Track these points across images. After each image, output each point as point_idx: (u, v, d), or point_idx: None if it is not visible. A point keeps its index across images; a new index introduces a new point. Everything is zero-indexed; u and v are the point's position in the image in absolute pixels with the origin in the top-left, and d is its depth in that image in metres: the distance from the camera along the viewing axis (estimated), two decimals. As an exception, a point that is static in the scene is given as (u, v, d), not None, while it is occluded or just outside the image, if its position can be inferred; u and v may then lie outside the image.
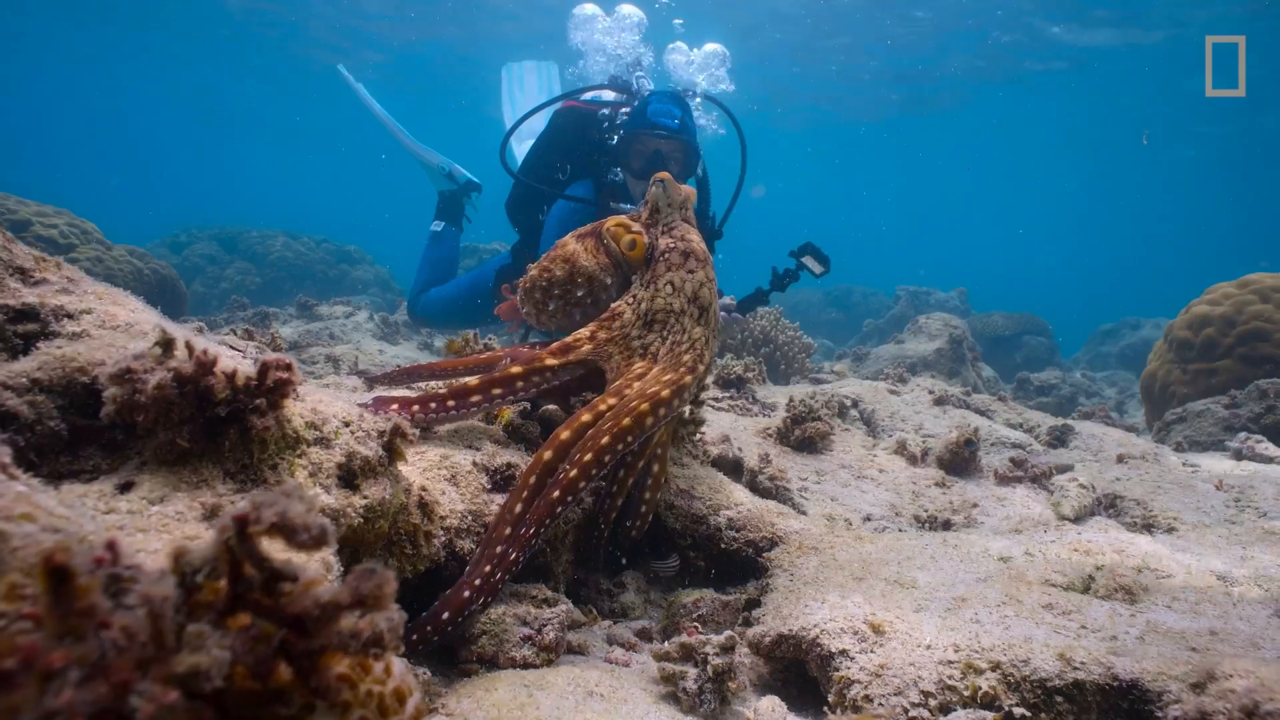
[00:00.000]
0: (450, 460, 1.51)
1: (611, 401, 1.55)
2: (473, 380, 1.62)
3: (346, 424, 1.07)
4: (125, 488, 0.77)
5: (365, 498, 1.03)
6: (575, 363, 1.68)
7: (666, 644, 1.42)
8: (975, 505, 2.40)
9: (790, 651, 1.41)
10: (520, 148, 6.04)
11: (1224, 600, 1.34)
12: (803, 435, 2.69)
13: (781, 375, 5.82)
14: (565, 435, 1.48)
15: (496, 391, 1.59)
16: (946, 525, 2.29)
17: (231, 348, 1.25)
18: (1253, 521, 2.15)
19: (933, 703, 1.20)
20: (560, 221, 4.65)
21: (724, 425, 2.81)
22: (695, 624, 1.61)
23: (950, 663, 1.23)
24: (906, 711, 1.20)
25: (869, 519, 2.28)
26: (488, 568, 1.33)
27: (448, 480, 1.47)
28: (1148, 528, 2.15)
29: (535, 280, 1.87)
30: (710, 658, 1.29)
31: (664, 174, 1.88)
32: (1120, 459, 3.02)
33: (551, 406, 1.82)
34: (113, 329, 0.95)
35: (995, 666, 1.18)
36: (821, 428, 2.70)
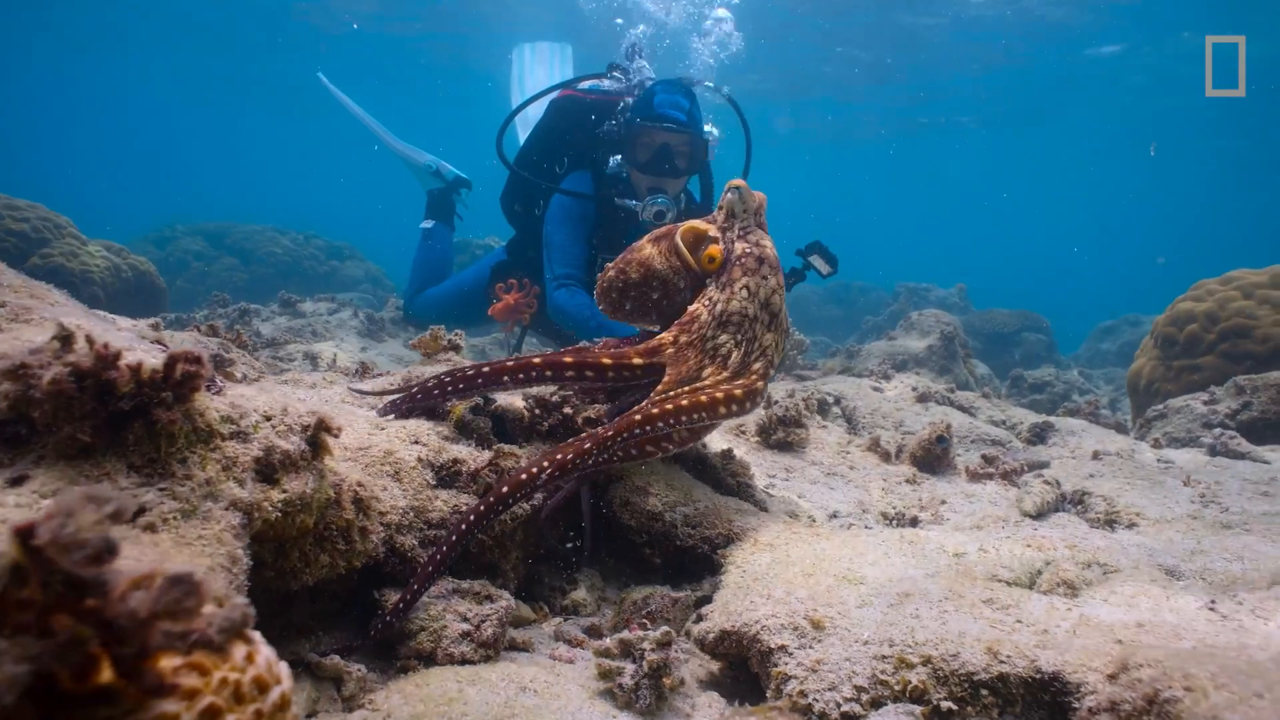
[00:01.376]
0: (395, 456, 1.52)
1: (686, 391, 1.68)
2: (568, 356, 1.70)
3: (268, 418, 1.08)
4: (17, 481, 0.78)
5: (284, 492, 1.04)
6: (659, 364, 1.78)
7: (607, 640, 1.44)
8: (944, 502, 2.41)
9: (733, 648, 1.43)
10: (524, 137, 6.02)
11: (1160, 593, 1.36)
12: (783, 436, 2.70)
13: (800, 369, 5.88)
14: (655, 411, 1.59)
15: (589, 374, 1.72)
16: (914, 522, 2.30)
17: (160, 344, 1.26)
18: (1214, 516, 2.17)
19: (865, 697, 1.21)
20: (558, 216, 4.59)
21: (694, 422, 2.82)
22: (644, 620, 1.63)
23: (884, 657, 1.24)
24: (839, 706, 1.22)
25: (835, 515, 2.30)
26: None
27: (390, 476, 1.48)
28: (1110, 523, 2.16)
29: (612, 282, 1.97)
30: (647, 653, 1.31)
31: (739, 181, 1.94)
32: (1095, 455, 3.03)
33: (511, 403, 1.83)
34: (25, 323, 0.96)
35: (926, 661, 1.20)
36: (800, 433, 2.71)
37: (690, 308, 1.85)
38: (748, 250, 1.85)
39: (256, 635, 0.63)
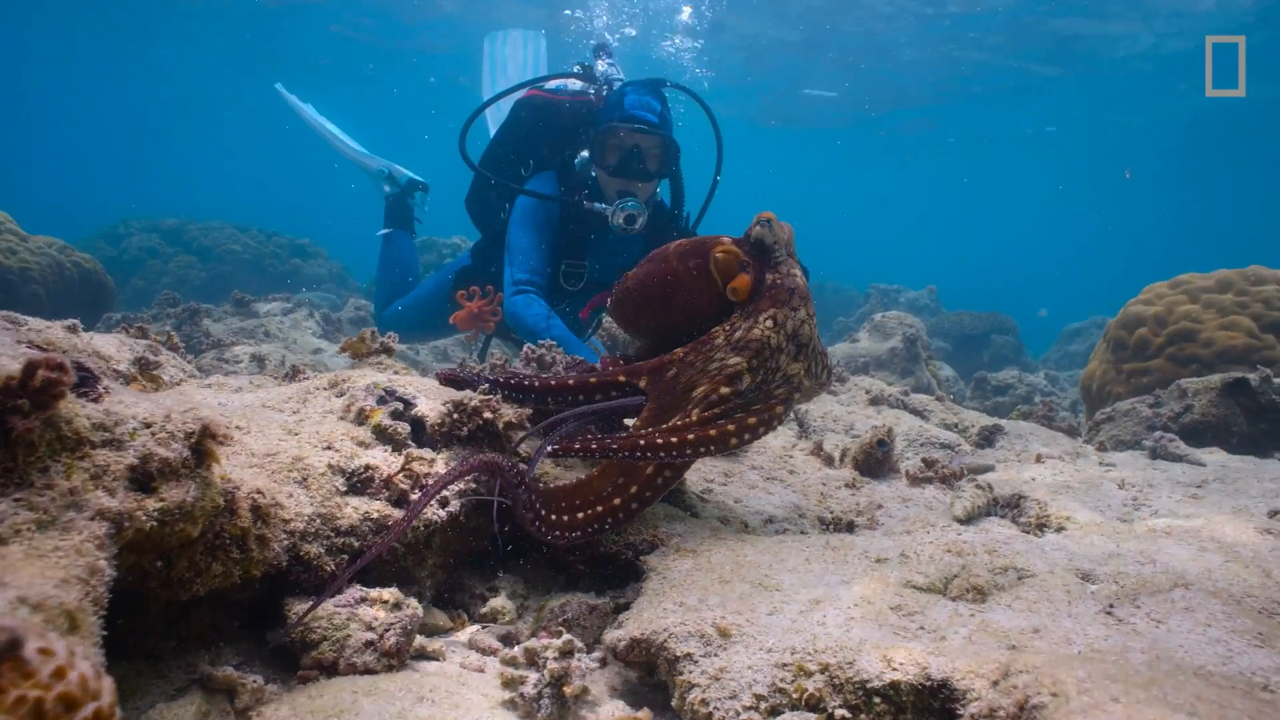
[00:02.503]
0: (304, 463, 1.51)
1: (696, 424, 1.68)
2: (593, 377, 1.76)
3: (148, 425, 1.07)
4: None
5: (162, 500, 1.03)
6: (650, 386, 1.81)
7: (515, 648, 1.44)
8: (880, 506, 2.44)
9: (643, 655, 1.43)
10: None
11: (1063, 598, 1.39)
12: (715, 436, 2.71)
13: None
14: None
15: (598, 396, 1.80)
16: (849, 527, 2.33)
17: (35, 346, 1.24)
18: (1142, 520, 2.22)
19: (764, 705, 1.23)
20: (520, 219, 4.54)
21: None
22: (560, 628, 1.63)
23: (785, 665, 1.25)
24: (739, 715, 1.23)
25: (770, 521, 2.32)
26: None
27: (298, 483, 1.47)
28: (1040, 527, 2.21)
29: (629, 293, 1.94)
30: (549, 662, 1.31)
31: (768, 214, 1.95)
32: (1039, 459, 3.09)
33: (432, 408, 1.82)
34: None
35: (824, 669, 1.22)
36: (734, 428, 2.73)
37: (711, 330, 1.85)
38: (777, 281, 1.86)
39: (70, 649, 0.62)
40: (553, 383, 1.86)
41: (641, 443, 1.57)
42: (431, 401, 1.84)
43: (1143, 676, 0.94)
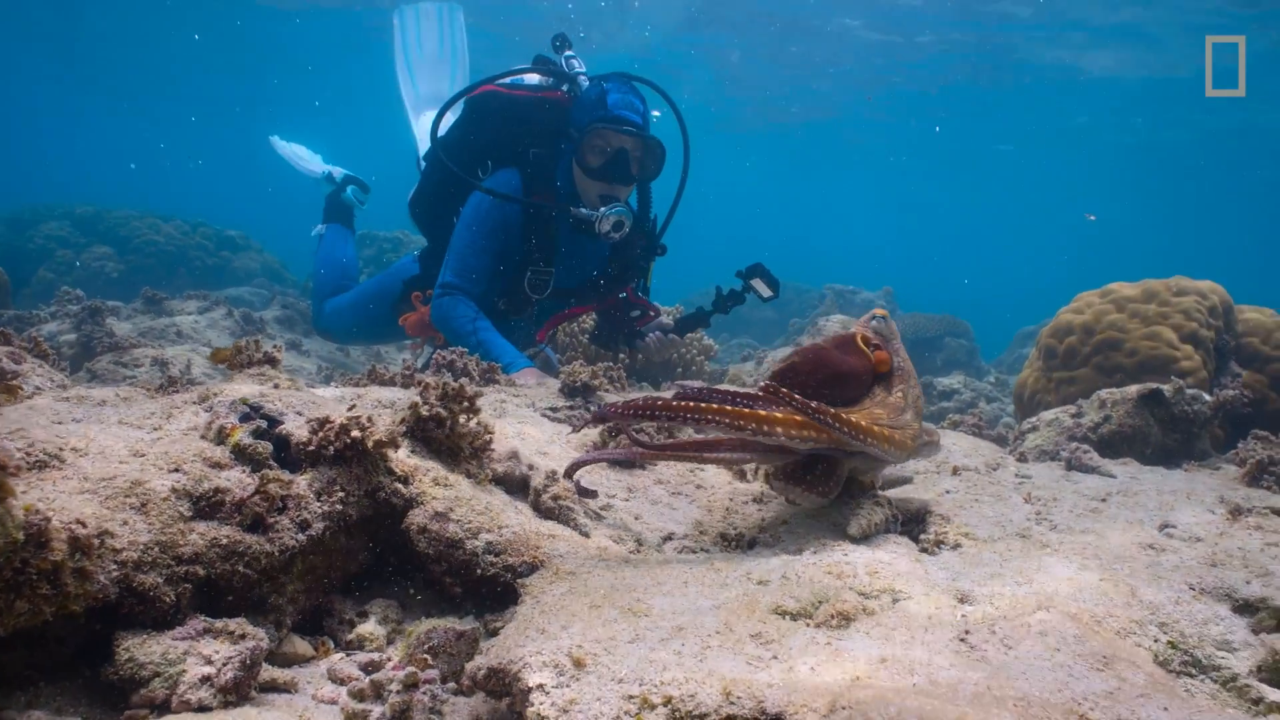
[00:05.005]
0: (144, 487, 1.47)
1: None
2: (798, 416, 1.86)
3: (-69, 457, 1.03)
4: None
5: (-59, 539, 1.00)
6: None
7: (365, 680, 1.43)
8: (785, 523, 2.47)
9: (499, 685, 1.43)
10: (421, 130, 5.84)
11: (922, 625, 1.42)
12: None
13: (679, 378, 5.89)
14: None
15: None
16: (751, 544, 2.35)
17: None
18: (1041, 535, 2.29)
19: (608, 739, 1.23)
20: (471, 219, 4.40)
21: (544, 437, 2.83)
22: (426, 655, 1.62)
23: (632, 697, 1.26)
24: (583, 748, 1.24)
25: (669, 539, 2.33)
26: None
27: (135, 509, 1.44)
28: (938, 544, 2.26)
29: (786, 371, 2.18)
30: (392, 695, 1.30)
31: (882, 310, 2.54)
32: (955, 471, 3.16)
33: (293, 426, 1.79)
34: None
35: (667, 701, 1.23)
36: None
37: (863, 400, 2.29)
38: (901, 365, 2.39)
39: None
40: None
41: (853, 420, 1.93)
42: (300, 419, 1.82)
43: (954, 714, 0.97)
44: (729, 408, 1.78)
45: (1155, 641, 1.52)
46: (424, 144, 5.57)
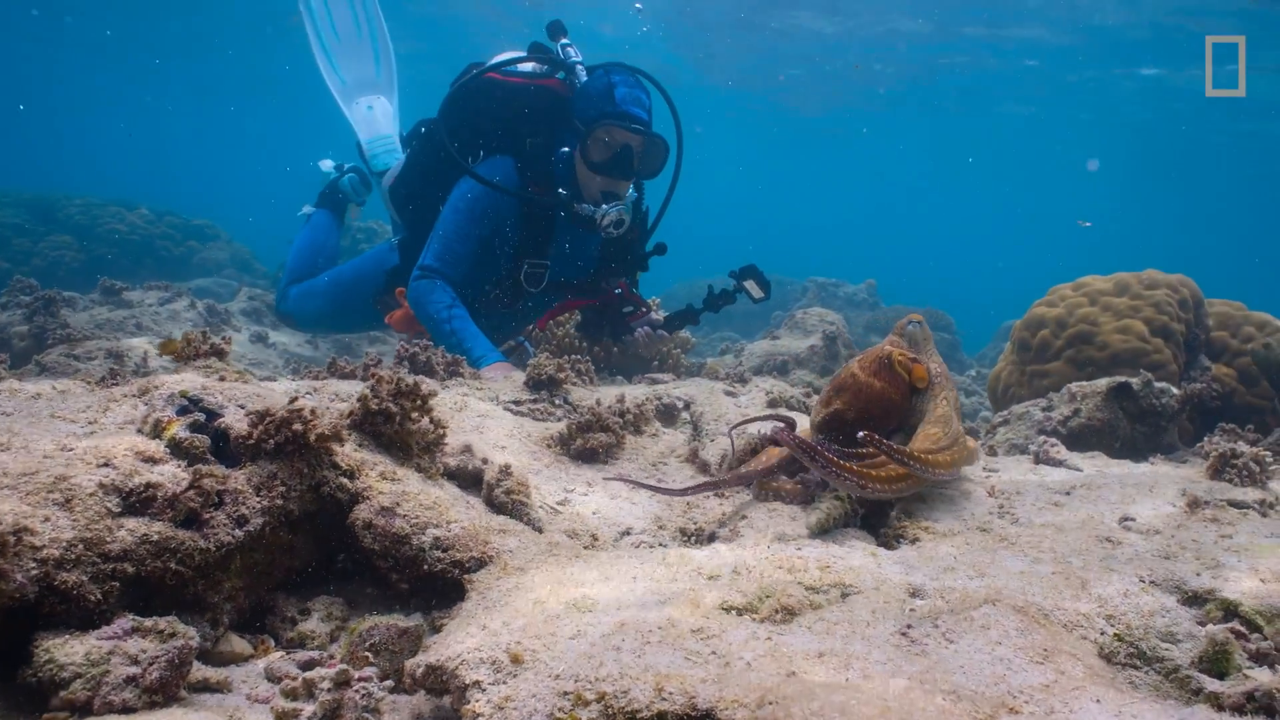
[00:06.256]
0: (69, 483, 1.45)
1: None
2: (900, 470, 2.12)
3: None
4: None
5: None
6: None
7: (298, 678, 1.42)
8: (744, 517, 2.48)
9: (438, 683, 1.43)
10: (358, 119, 5.78)
11: (865, 619, 1.43)
12: (584, 445, 2.72)
13: (655, 371, 5.90)
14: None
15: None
16: (711, 538, 2.36)
17: None
18: (1002, 529, 2.30)
19: (541, 736, 1.23)
20: (460, 206, 4.37)
21: (504, 431, 2.82)
22: (367, 653, 1.61)
23: (566, 694, 1.26)
24: (516, 746, 1.23)
25: (628, 533, 2.33)
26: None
27: (59, 505, 1.41)
28: (898, 538, 2.27)
29: (835, 417, 2.38)
30: (322, 693, 1.30)
31: (918, 316, 2.64)
32: (922, 465, 3.18)
33: (233, 420, 1.77)
34: None
35: (601, 698, 1.23)
36: (605, 439, 2.74)
37: (937, 412, 2.42)
38: (938, 370, 2.49)
39: None
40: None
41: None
42: (241, 411, 1.80)
43: (877, 707, 0.98)
44: (862, 469, 2.08)
45: (1102, 634, 1.53)
46: (364, 132, 5.52)
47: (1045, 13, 15.99)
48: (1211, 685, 1.36)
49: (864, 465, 2.08)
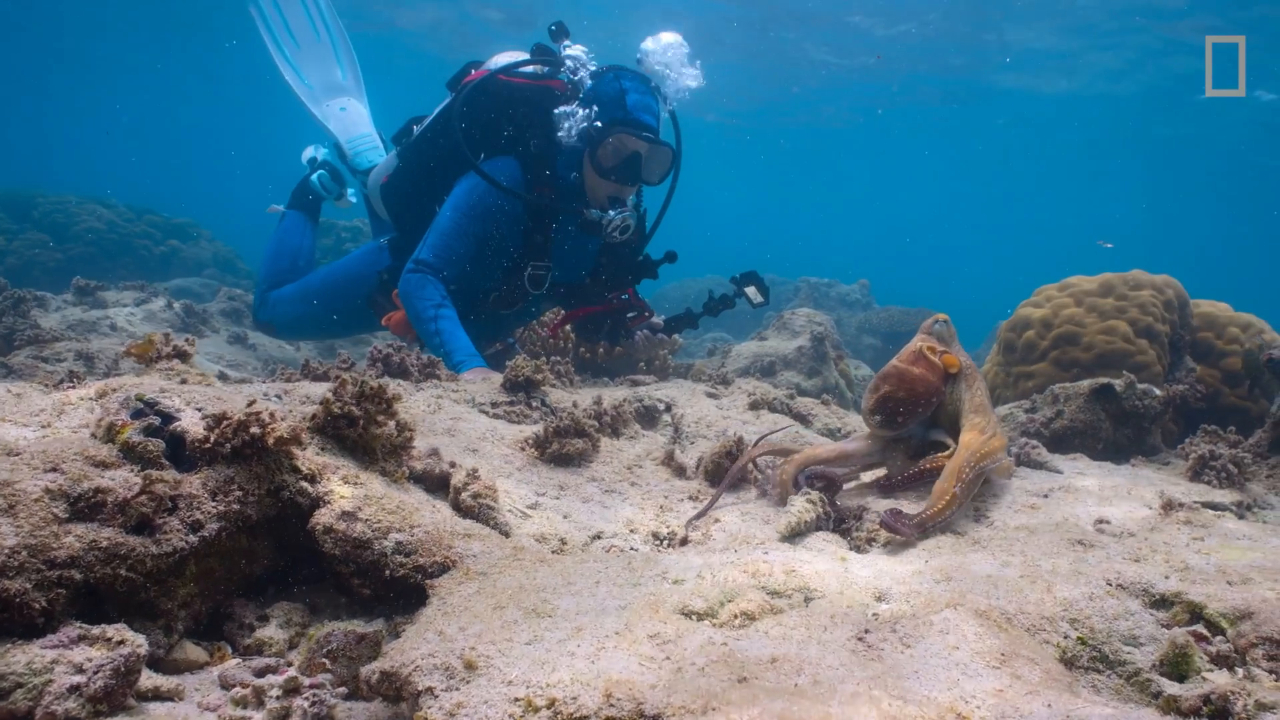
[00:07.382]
0: (13, 488, 1.44)
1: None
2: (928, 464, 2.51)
3: None
4: None
5: None
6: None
7: (249, 686, 1.42)
8: (717, 520, 2.49)
9: (392, 689, 1.43)
10: (332, 123, 5.74)
11: (823, 624, 1.44)
12: (560, 450, 2.72)
13: (641, 372, 5.91)
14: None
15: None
16: (684, 542, 2.37)
17: None
18: (975, 532, 2.32)
19: (491, 744, 1.23)
20: (463, 203, 4.36)
21: (477, 434, 2.82)
22: (324, 659, 1.61)
23: (517, 700, 1.26)
24: (466, 754, 1.23)
25: (599, 537, 2.33)
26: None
27: (2, 511, 1.41)
28: (870, 541, 2.28)
29: (885, 399, 2.59)
30: (270, 701, 1.29)
31: (943, 316, 2.78)
32: (902, 467, 3.19)
33: (189, 423, 1.77)
34: None
35: (551, 704, 1.23)
36: (581, 445, 2.74)
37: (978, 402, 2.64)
38: (967, 363, 2.69)
39: None
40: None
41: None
42: (198, 415, 1.79)
43: (819, 713, 0.98)
44: (934, 513, 2.26)
45: (1065, 638, 1.54)
46: (343, 133, 5.50)
47: (1035, 13, 16.07)
48: (1171, 688, 1.37)
49: (931, 509, 2.25)
